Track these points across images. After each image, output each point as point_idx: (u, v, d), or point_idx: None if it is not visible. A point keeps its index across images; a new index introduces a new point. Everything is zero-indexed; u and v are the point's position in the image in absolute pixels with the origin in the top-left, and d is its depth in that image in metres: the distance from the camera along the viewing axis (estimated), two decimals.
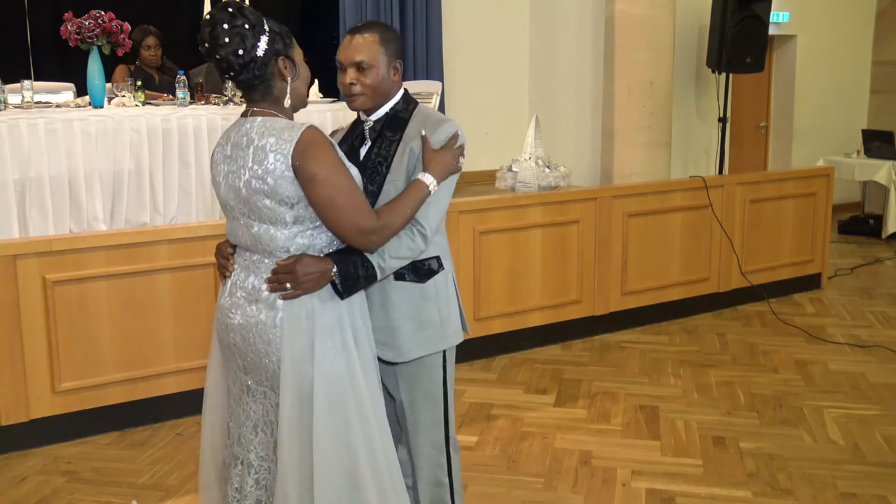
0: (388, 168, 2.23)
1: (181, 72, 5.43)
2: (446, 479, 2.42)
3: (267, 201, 2.01)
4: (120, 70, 5.98)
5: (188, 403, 3.92)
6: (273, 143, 1.98)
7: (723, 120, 7.51)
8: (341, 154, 2.08)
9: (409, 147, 2.23)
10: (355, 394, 2.06)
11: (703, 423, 3.88)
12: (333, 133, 2.45)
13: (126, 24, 5.09)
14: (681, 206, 5.33)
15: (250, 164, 2.01)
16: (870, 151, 8.06)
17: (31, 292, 3.54)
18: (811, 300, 5.89)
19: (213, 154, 2.16)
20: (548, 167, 4.87)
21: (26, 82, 4.86)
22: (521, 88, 7.88)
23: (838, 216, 7.86)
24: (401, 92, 2.34)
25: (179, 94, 5.25)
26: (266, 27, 2.02)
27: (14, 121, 4.51)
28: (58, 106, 5.00)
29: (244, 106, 2.13)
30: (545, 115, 6.25)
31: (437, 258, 2.32)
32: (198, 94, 5.51)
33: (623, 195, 5.09)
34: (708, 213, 5.44)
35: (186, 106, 5.24)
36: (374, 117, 2.31)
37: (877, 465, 3.47)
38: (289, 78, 2.07)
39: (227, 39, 1.97)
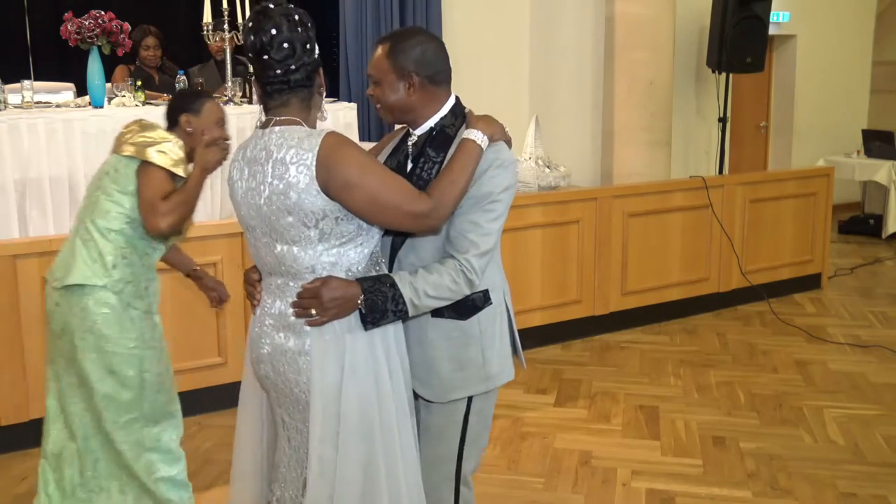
0: None
1: (181, 72, 5.42)
2: None
3: (290, 218, 1.86)
4: (120, 70, 5.97)
5: (188, 403, 3.90)
6: (293, 154, 1.85)
7: (723, 120, 7.50)
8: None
9: None
10: (383, 428, 1.94)
11: (703, 423, 3.88)
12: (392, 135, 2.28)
13: (126, 24, 5.08)
14: (681, 206, 5.33)
15: (270, 180, 1.87)
16: (870, 151, 8.07)
17: (31, 292, 3.54)
18: (811, 300, 5.89)
19: (229, 172, 2.00)
20: (548, 167, 4.87)
21: (26, 82, 4.85)
22: (521, 88, 7.87)
23: (838, 216, 7.86)
24: (448, 104, 2.08)
25: None
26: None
27: (14, 121, 4.50)
28: (58, 106, 4.99)
29: (244, 106, 2.07)
30: (545, 115, 6.25)
31: (484, 293, 2.08)
32: None
33: (623, 195, 5.09)
34: (708, 213, 5.44)
35: None
36: (418, 132, 2.09)
37: (877, 465, 3.48)
38: (323, 91, 1.99)
39: (299, 30, 1.89)
